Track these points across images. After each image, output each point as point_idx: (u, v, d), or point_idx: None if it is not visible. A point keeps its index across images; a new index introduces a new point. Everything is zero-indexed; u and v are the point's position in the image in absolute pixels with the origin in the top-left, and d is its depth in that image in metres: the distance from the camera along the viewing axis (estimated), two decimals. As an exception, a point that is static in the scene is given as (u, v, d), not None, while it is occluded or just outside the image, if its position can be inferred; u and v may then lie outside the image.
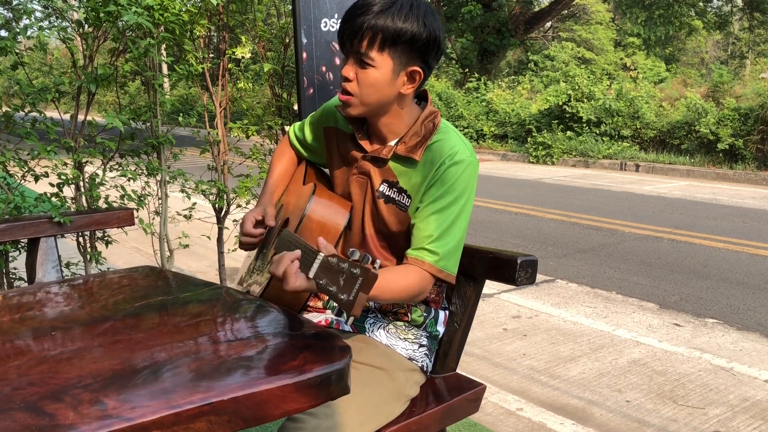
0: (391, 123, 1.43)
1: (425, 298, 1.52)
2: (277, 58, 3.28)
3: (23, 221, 1.87)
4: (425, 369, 1.52)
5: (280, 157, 1.70)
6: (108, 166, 2.76)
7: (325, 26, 2.56)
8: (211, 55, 3.33)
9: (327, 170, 1.65)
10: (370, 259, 1.02)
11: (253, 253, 1.68)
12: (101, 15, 2.41)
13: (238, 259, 4.60)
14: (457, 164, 1.38)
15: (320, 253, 1.07)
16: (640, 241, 5.64)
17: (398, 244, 1.47)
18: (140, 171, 2.78)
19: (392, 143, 1.45)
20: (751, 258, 5.05)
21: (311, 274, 1.07)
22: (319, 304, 1.53)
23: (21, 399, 0.85)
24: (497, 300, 3.97)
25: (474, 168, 1.41)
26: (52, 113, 2.80)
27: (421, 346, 1.51)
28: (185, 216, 3.11)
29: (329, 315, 1.51)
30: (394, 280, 1.31)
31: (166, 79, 4.31)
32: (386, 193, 1.44)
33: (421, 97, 1.50)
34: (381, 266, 1.45)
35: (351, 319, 1.07)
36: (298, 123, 1.71)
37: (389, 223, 1.45)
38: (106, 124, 2.46)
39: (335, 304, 1.04)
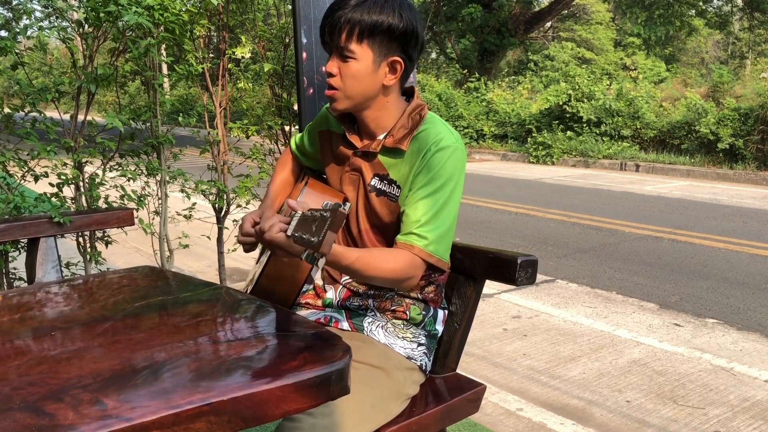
0: (378, 117, 1.46)
1: (424, 297, 1.52)
2: (277, 58, 3.28)
3: (23, 221, 1.87)
4: (424, 368, 1.52)
5: (282, 167, 1.73)
6: (108, 166, 2.76)
7: (325, 26, 2.55)
8: (211, 55, 3.33)
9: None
10: (341, 204, 1.08)
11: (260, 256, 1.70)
12: (101, 15, 2.41)
13: (238, 259, 4.60)
14: (443, 150, 1.40)
15: (298, 212, 1.15)
16: (641, 241, 5.64)
17: (393, 237, 1.47)
18: (140, 171, 2.78)
19: (381, 137, 1.47)
20: (751, 258, 5.05)
21: (289, 232, 1.15)
22: (318, 302, 1.54)
23: (21, 399, 0.85)
24: (497, 300, 3.96)
25: (460, 154, 1.42)
26: (52, 113, 2.80)
27: (419, 344, 1.51)
28: (185, 216, 3.11)
29: (328, 312, 1.51)
30: (382, 259, 1.34)
31: (166, 79, 4.31)
32: (377, 187, 1.46)
33: (409, 95, 1.52)
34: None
35: (322, 260, 1.12)
36: (299, 134, 1.74)
37: (382, 215, 1.46)
38: (106, 124, 2.46)
39: (310, 250, 1.12)
